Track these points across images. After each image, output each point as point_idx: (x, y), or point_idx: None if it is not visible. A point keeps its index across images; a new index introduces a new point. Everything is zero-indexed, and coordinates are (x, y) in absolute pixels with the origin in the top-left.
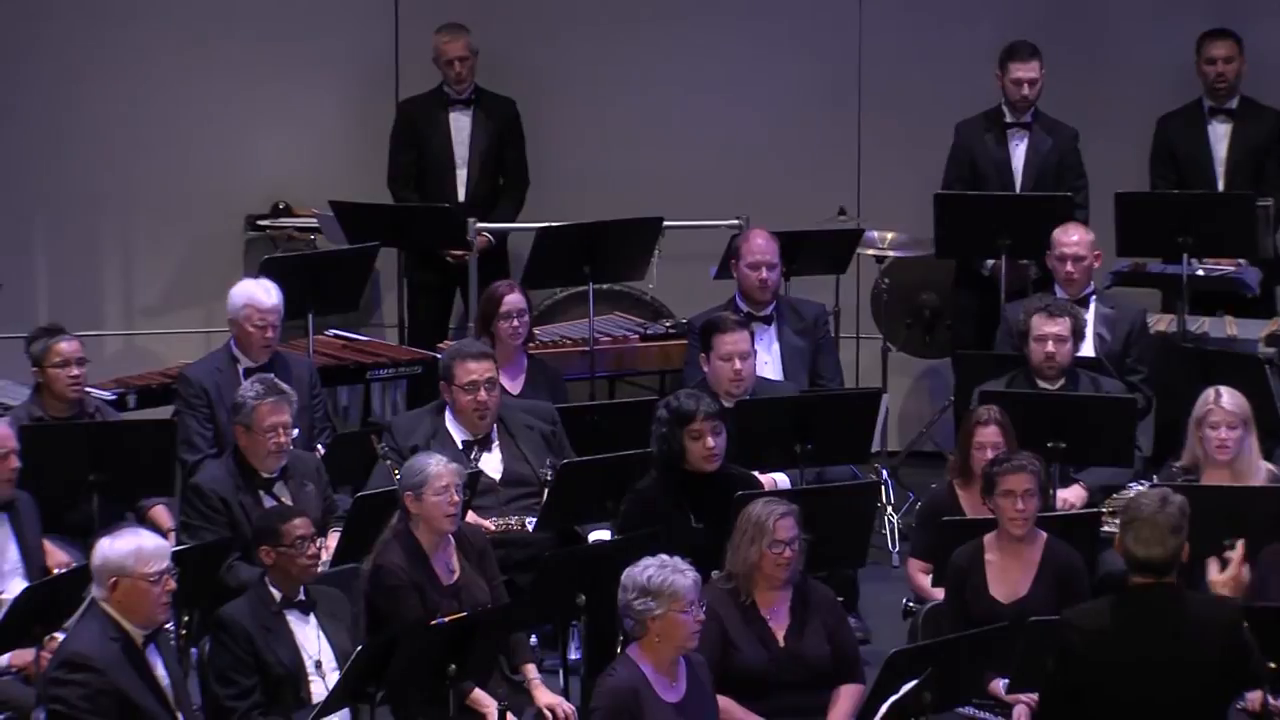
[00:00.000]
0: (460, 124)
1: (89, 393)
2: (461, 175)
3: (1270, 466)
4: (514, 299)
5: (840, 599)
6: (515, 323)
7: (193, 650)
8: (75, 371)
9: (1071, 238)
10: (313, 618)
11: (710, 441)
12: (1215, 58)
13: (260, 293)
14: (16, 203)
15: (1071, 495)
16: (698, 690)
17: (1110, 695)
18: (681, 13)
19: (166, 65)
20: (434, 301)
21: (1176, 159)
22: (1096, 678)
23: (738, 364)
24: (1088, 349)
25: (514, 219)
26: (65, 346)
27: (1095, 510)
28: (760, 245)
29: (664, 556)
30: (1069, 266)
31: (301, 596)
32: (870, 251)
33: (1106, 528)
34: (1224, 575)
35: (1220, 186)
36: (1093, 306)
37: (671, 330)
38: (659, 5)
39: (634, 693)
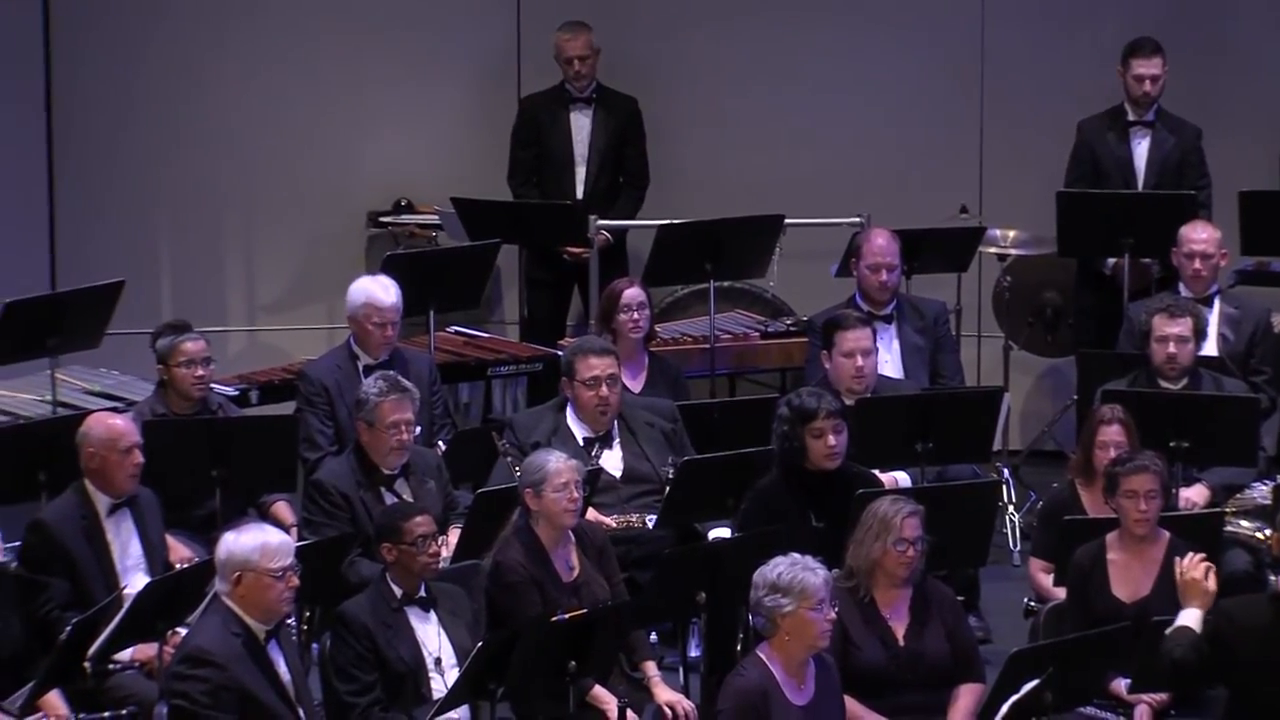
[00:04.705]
0: (580, 122)
1: (212, 388)
2: (580, 173)
3: None
4: (634, 292)
5: (961, 598)
6: (636, 315)
7: (314, 646)
8: (200, 372)
9: (1200, 235)
10: (433, 614)
11: (831, 440)
12: None
13: (379, 290)
14: (140, 199)
15: (1194, 495)
16: (826, 693)
17: (1255, 691)
18: (803, 10)
19: (289, 62)
20: (550, 299)
21: None
22: (1243, 672)
23: (860, 360)
24: (1211, 348)
25: (633, 217)
26: (191, 346)
27: (1218, 510)
28: (881, 246)
29: (795, 555)
30: (1196, 264)
31: (422, 593)
32: (992, 250)
33: (1229, 527)
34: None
35: None
36: (1216, 305)
37: (792, 328)
38: (781, 2)
39: (763, 694)
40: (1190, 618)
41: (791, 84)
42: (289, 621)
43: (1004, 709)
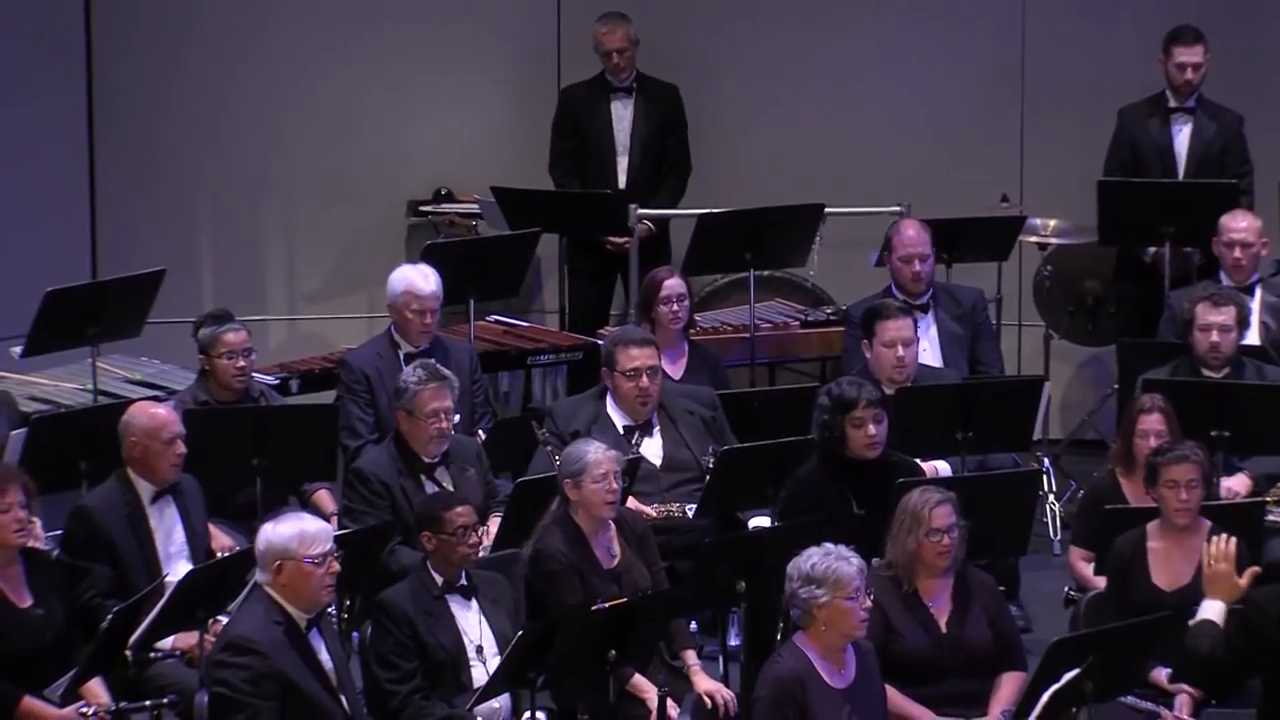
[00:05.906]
0: (621, 112)
1: (253, 377)
2: (622, 162)
3: None
4: (674, 283)
5: (1001, 587)
6: (675, 307)
7: (354, 634)
8: (242, 363)
9: (1240, 224)
10: (474, 602)
11: (872, 429)
12: None
13: (419, 279)
14: (181, 188)
15: (1236, 484)
16: (866, 676)
17: None
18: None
19: (330, 52)
20: (593, 288)
21: None
22: (1276, 662)
23: (900, 350)
24: (1253, 337)
25: (675, 206)
26: (232, 338)
27: (1259, 499)
28: (911, 237)
29: (829, 545)
30: (1236, 253)
31: (463, 581)
32: (1033, 239)
33: (1271, 516)
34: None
35: None
36: (1258, 294)
37: (832, 317)
38: None
39: (799, 681)
40: (1213, 610)
41: (833, 73)
42: (330, 610)
43: (1044, 698)
